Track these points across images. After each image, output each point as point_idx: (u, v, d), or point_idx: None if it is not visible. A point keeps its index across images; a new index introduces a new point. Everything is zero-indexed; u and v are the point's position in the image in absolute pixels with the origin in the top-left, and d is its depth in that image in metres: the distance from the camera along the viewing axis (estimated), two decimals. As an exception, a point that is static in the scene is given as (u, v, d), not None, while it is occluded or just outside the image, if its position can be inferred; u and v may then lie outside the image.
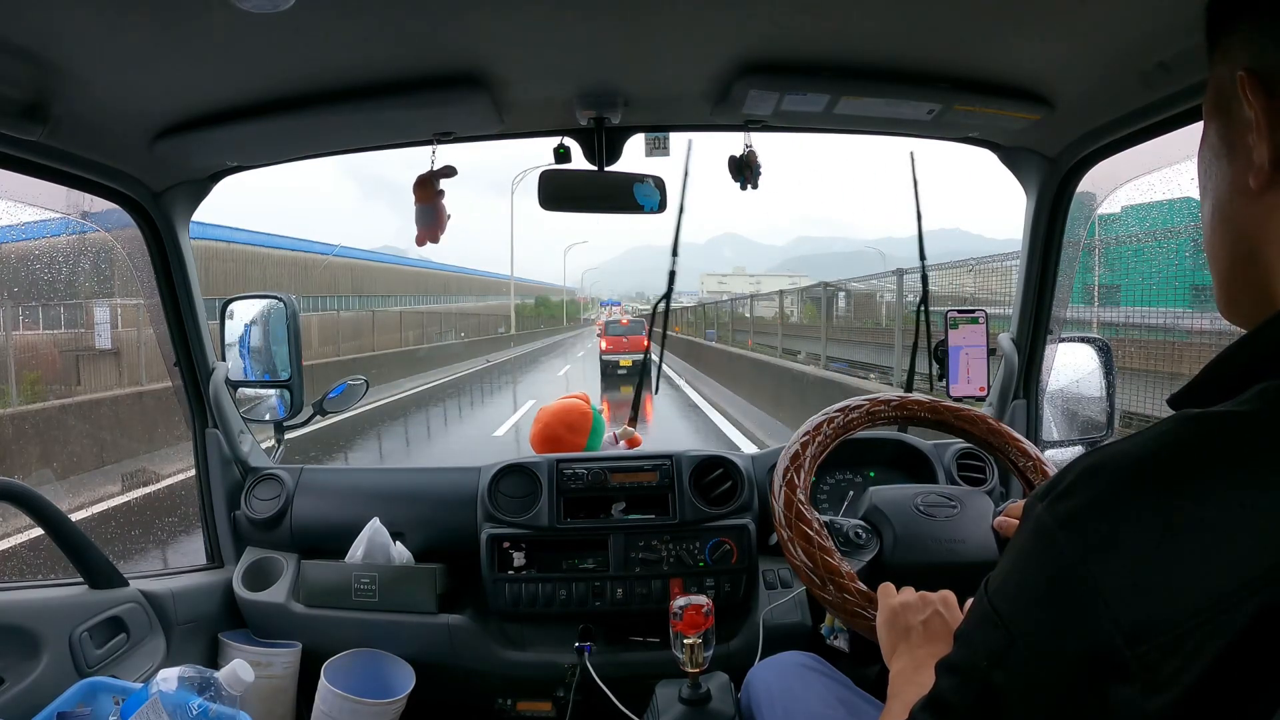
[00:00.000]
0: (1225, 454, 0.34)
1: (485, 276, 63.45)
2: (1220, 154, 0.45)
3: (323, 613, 1.43)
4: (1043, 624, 0.36)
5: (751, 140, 1.27)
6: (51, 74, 0.88)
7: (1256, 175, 0.41)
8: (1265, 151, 0.41)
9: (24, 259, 8.11)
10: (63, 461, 6.49)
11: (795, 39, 0.95)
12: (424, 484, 1.58)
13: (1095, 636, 0.33)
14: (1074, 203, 1.37)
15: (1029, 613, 0.37)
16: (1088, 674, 0.34)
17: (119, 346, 10.36)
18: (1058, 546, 0.36)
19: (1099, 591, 0.34)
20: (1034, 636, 0.36)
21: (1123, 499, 0.35)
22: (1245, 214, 0.43)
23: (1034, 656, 0.36)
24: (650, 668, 1.33)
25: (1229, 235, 0.45)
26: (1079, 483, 0.37)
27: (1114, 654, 0.33)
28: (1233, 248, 0.45)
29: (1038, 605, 0.37)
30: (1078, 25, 0.89)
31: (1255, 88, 0.41)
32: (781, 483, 0.92)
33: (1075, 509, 0.36)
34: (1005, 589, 0.39)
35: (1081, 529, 0.35)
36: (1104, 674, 0.33)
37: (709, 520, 1.43)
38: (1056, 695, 0.35)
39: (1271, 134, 0.40)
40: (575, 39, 0.96)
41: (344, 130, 1.20)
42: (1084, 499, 0.36)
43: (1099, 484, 0.36)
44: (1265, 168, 0.41)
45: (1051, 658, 0.36)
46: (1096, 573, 0.34)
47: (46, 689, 1.05)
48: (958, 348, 1.51)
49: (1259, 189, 0.41)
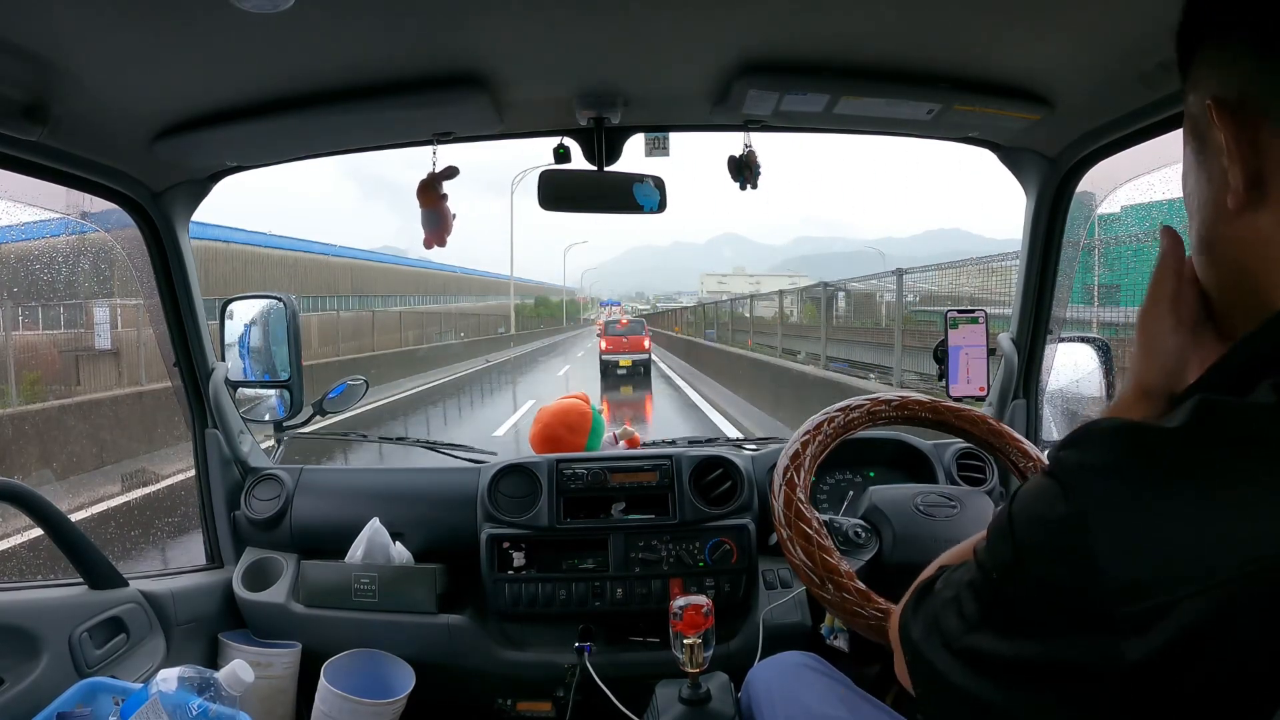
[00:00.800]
0: (1240, 439, 0.36)
1: (485, 276, 63.46)
2: (1199, 178, 0.48)
3: (322, 613, 1.43)
4: (1045, 558, 0.39)
5: (751, 140, 1.27)
6: (51, 74, 0.88)
7: (1233, 197, 0.44)
8: (1239, 175, 0.43)
9: (24, 259, 8.12)
10: (62, 462, 6.49)
11: (795, 39, 0.95)
12: (424, 484, 1.58)
13: (1088, 586, 0.36)
14: (1074, 202, 1.37)
15: (1036, 544, 0.40)
16: (1075, 615, 0.37)
17: (119, 347, 10.36)
18: (1070, 493, 0.38)
19: (1097, 547, 0.36)
20: (1036, 567, 0.40)
21: (1136, 466, 0.37)
22: (1227, 234, 0.46)
23: (1035, 583, 0.40)
24: (650, 668, 1.33)
25: (1216, 253, 0.48)
26: (1100, 441, 0.39)
27: (1102, 607, 0.36)
28: (1221, 265, 0.48)
29: (1045, 541, 0.40)
30: (1078, 25, 0.89)
31: (1223, 115, 0.43)
32: (781, 482, 0.92)
33: (1091, 463, 0.39)
34: (1023, 512, 0.42)
35: (1091, 484, 0.38)
36: (1091, 621, 0.36)
37: (709, 520, 1.43)
38: (1047, 621, 0.39)
39: (1243, 158, 0.43)
40: (575, 39, 0.96)
41: (344, 130, 1.20)
42: (1100, 457, 0.39)
43: (1117, 447, 0.39)
44: (1240, 191, 0.43)
45: (1047, 589, 0.39)
46: (1097, 529, 0.36)
47: (46, 689, 1.05)
48: (957, 348, 1.51)
49: (1237, 210, 0.44)
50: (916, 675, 0.51)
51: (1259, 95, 0.42)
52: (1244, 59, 0.43)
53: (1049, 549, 0.39)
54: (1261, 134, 0.42)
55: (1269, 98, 0.42)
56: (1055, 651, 0.38)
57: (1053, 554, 0.39)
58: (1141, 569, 0.35)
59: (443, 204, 1.25)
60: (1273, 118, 0.42)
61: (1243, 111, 0.43)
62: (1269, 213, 0.43)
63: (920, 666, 0.50)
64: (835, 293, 11.00)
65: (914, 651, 0.51)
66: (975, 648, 0.44)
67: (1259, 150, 0.42)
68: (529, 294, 67.52)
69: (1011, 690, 0.41)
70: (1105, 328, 5.66)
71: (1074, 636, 0.37)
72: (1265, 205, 0.43)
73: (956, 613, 0.46)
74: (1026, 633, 0.40)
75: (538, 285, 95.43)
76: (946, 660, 0.46)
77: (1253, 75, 0.43)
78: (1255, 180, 0.43)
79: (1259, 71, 0.42)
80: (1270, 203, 0.43)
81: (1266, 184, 0.43)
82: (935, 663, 0.47)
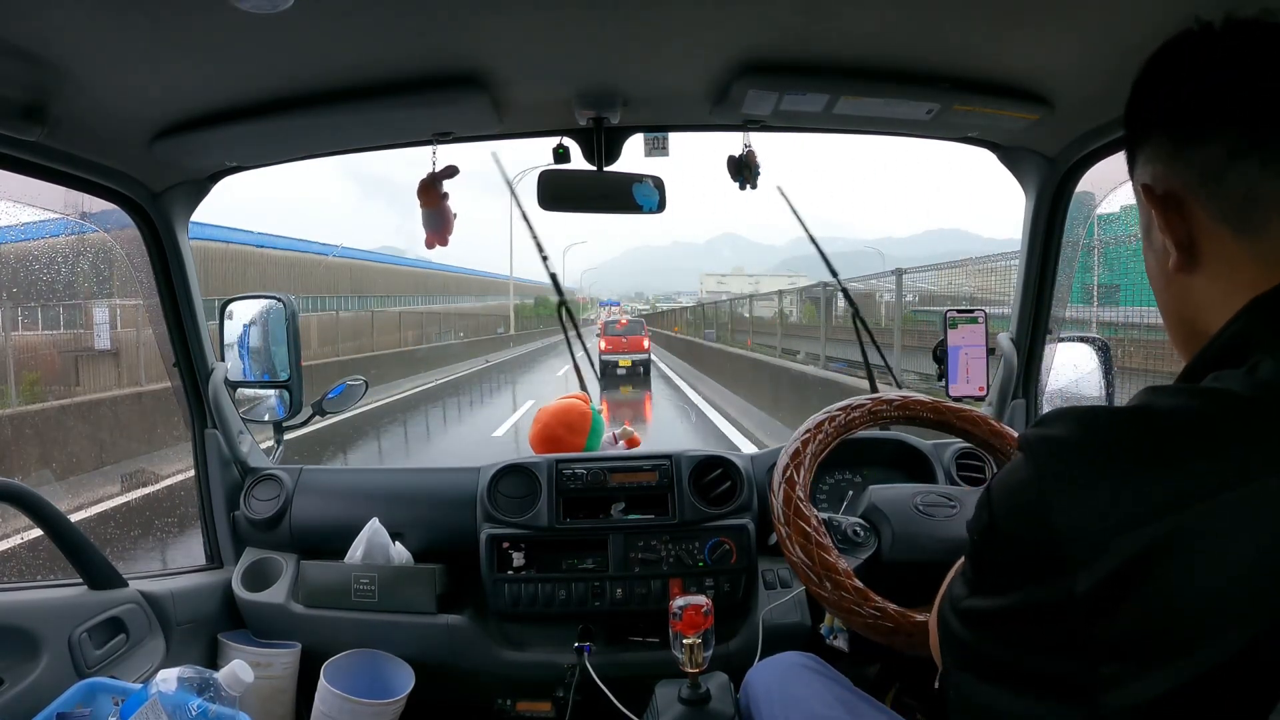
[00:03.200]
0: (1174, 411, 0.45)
1: (484, 277, 63.40)
2: (1148, 246, 0.57)
3: (322, 613, 1.43)
4: (1011, 517, 0.47)
5: (750, 140, 1.27)
6: (50, 74, 0.88)
7: (1174, 262, 0.53)
8: (1172, 245, 0.52)
9: (23, 259, 8.12)
10: (62, 462, 6.49)
11: (794, 39, 0.95)
12: (423, 484, 1.57)
13: (1041, 535, 0.44)
14: (1073, 202, 1.38)
15: (1004, 507, 0.48)
16: (1035, 562, 0.45)
17: (118, 347, 10.36)
18: (1030, 462, 0.46)
19: (1049, 503, 0.44)
20: (1005, 525, 0.48)
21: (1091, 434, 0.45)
22: (1175, 292, 0.55)
23: (1004, 539, 0.48)
24: (650, 668, 1.32)
25: (1168, 306, 0.56)
26: (1058, 419, 0.47)
27: (1055, 551, 0.43)
28: (1174, 317, 0.56)
29: (1010, 503, 0.48)
30: (1077, 25, 0.89)
31: (1151, 197, 0.53)
32: (781, 479, 0.92)
33: (1047, 437, 0.47)
34: (997, 484, 0.50)
35: (1046, 454, 0.46)
36: (1047, 566, 0.43)
37: (708, 520, 1.43)
38: (1014, 572, 0.47)
39: (1173, 232, 0.52)
40: (574, 39, 0.96)
41: (343, 130, 1.20)
42: (1057, 431, 0.46)
43: (1069, 423, 0.46)
44: (1176, 256, 0.52)
45: (1012, 543, 0.47)
46: (1051, 487, 0.44)
47: (46, 690, 1.04)
48: (957, 347, 1.51)
49: (1176, 272, 0.53)
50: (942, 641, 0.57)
51: (1176, 175, 0.51)
52: (1161, 148, 0.53)
53: (1014, 508, 0.47)
54: (1185, 206, 0.51)
55: (1183, 173, 0.51)
56: (1021, 597, 0.46)
57: (1016, 512, 0.47)
58: (1084, 517, 0.42)
59: (444, 203, 1.25)
60: (1190, 188, 0.50)
61: (1171, 192, 0.51)
62: (1203, 276, 0.51)
63: (943, 631, 0.57)
64: (834, 293, 11.00)
65: (941, 619, 0.57)
66: (970, 607, 0.52)
67: (1189, 221, 0.51)
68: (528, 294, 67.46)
69: (999, 640, 0.49)
70: (1105, 327, 5.66)
71: (1036, 581, 0.44)
72: (1200, 269, 0.51)
73: (963, 580, 0.54)
74: (1001, 587, 0.48)
75: (537, 285, 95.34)
76: (956, 622, 0.53)
77: (1169, 160, 0.52)
78: (1188, 247, 0.51)
79: (1172, 156, 0.52)
80: (1203, 266, 0.51)
81: (1198, 248, 0.51)
82: (949, 623, 0.54)
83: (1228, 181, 0.49)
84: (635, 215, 1.30)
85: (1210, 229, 0.50)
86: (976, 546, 0.51)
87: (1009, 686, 0.48)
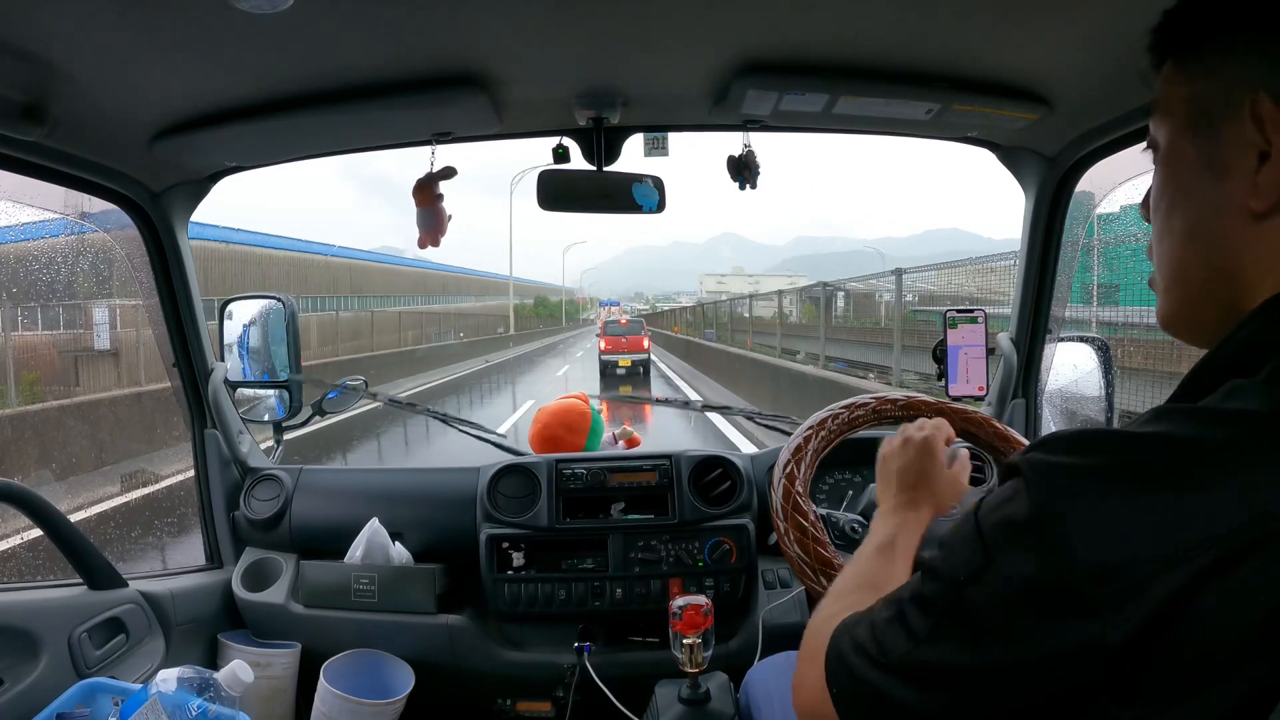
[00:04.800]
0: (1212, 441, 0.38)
1: (484, 277, 63.44)
2: (1204, 173, 0.45)
3: (322, 613, 1.43)
4: (1017, 554, 0.40)
5: (750, 140, 1.27)
6: (50, 75, 0.88)
7: (1263, 199, 0.42)
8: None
9: (23, 260, 8.11)
10: (61, 462, 6.48)
11: (794, 39, 0.95)
12: (423, 484, 1.57)
13: (1061, 573, 0.37)
14: (1073, 202, 1.37)
15: (1008, 542, 0.40)
16: (1052, 605, 0.38)
17: (117, 347, 10.35)
18: (1038, 491, 0.39)
19: (1068, 535, 0.37)
20: (1008, 564, 0.40)
21: (1108, 461, 0.39)
22: (1236, 234, 0.44)
23: (1006, 580, 0.40)
24: (650, 668, 1.32)
25: (1209, 253, 0.46)
26: (1068, 444, 0.41)
27: (1077, 591, 0.37)
28: (1210, 266, 0.46)
29: (1016, 537, 0.40)
30: (1076, 25, 0.89)
31: (1275, 110, 0.40)
32: (781, 475, 0.92)
33: (1061, 464, 0.40)
34: (991, 517, 0.42)
35: (1060, 481, 0.39)
36: (1066, 608, 0.37)
37: (708, 520, 1.43)
38: (1021, 618, 0.39)
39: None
40: (573, 39, 0.95)
41: (342, 130, 1.20)
42: (1072, 459, 0.40)
43: (1089, 448, 0.40)
44: (1276, 193, 0.41)
45: (1021, 585, 0.39)
46: (1069, 518, 0.38)
47: (46, 690, 1.04)
48: (956, 347, 1.51)
49: (1264, 212, 0.42)
50: (845, 700, 0.49)
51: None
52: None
53: (1020, 545, 0.40)
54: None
55: None
56: (1029, 649, 0.39)
57: (1024, 549, 0.39)
58: (1111, 553, 0.36)
59: (438, 204, 1.25)
60: None
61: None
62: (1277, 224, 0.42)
63: (852, 689, 0.48)
64: (834, 292, 11.01)
65: (850, 678, 0.48)
66: (925, 661, 0.43)
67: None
68: (528, 294, 67.46)
69: (969, 699, 0.41)
70: (1104, 327, 5.67)
71: (1050, 628, 0.38)
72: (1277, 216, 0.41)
73: (903, 631, 0.44)
74: (993, 635, 0.40)
75: (537, 285, 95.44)
76: (886, 680, 0.44)
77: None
78: None
79: None
80: None
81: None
82: (873, 682, 0.45)
83: None
84: (635, 215, 1.30)
85: None
86: (954, 592, 0.42)
87: None
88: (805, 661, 0.58)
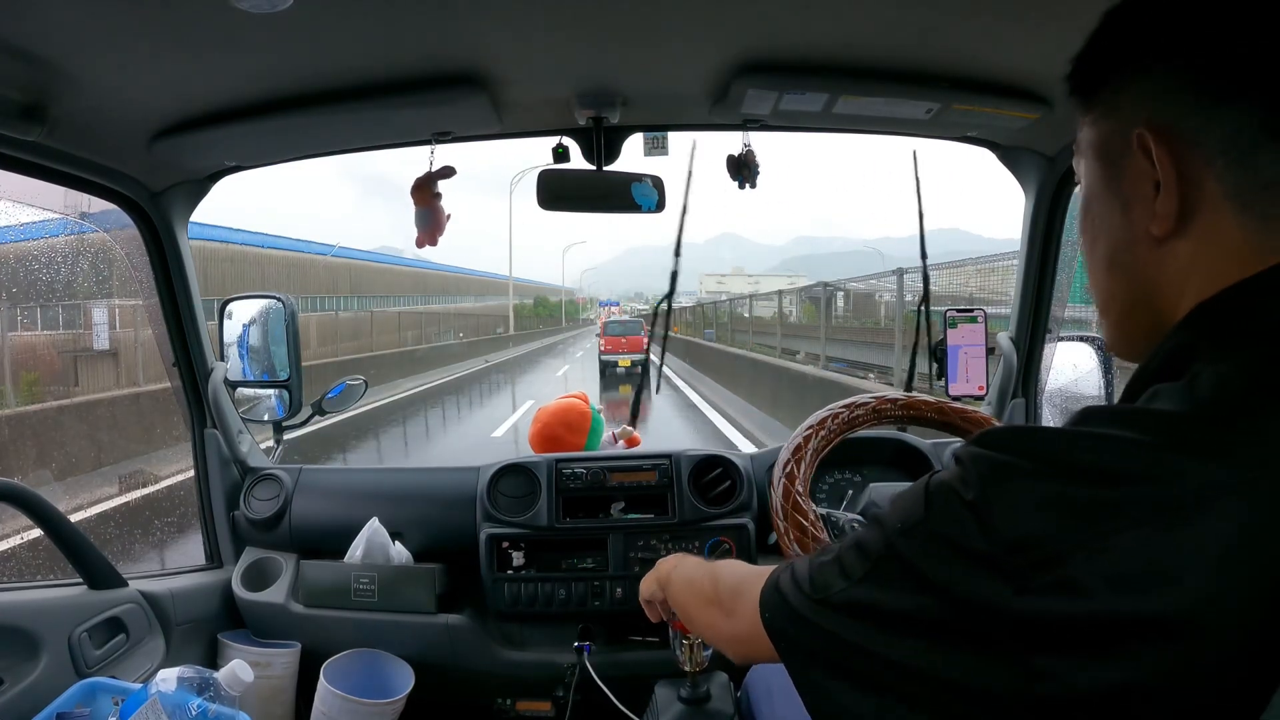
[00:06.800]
0: (1113, 438, 0.41)
1: (484, 277, 63.43)
2: (1111, 204, 0.49)
3: (322, 613, 1.43)
4: (951, 518, 0.43)
5: (750, 140, 1.27)
6: (50, 74, 0.88)
7: (1161, 225, 0.45)
8: (1173, 204, 0.44)
9: (22, 260, 8.10)
10: (61, 462, 6.48)
11: (794, 38, 0.95)
12: (423, 484, 1.58)
13: (984, 540, 0.41)
14: (1073, 201, 1.38)
15: (945, 507, 0.44)
16: (969, 560, 0.41)
17: (116, 347, 10.35)
18: (977, 473, 0.43)
19: (993, 514, 0.41)
20: (941, 525, 0.43)
21: (1029, 453, 0.42)
22: (1144, 260, 0.47)
23: (934, 538, 0.43)
24: (650, 667, 1.32)
25: (1125, 280, 0.49)
26: (1003, 437, 0.44)
27: (993, 556, 0.40)
28: (1130, 293, 0.49)
29: (951, 506, 0.44)
30: (1076, 24, 0.89)
31: (1160, 145, 0.44)
32: (781, 474, 0.92)
33: (990, 459, 0.43)
34: (938, 484, 0.46)
35: (989, 473, 0.43)
36: (981, 565, 0.40)
37: (708, 520, 1.43)
38: (941, 572, 0.42)
39: (1180, 186, 0.43)
40: (573, 39, 0.96)
41: (342, 130, 1.20)
42: (1002, 446, 0.43)
43: (1018, 442, 0.43)
44: (1171, 219, 0.44)
45: (948, 544, 0.43)
46: (994, 502, 0.41)
47: (46, 690, 1.04)
48: (956, 347, 1.51)
49: (1163, 237, 0.45)
50: (783, 637, 0.53)
51: (1192, 127, 0.43)
52: (1180, 89, 0.43)
53: (953, 513, 0.43)
54: (1191, 165, 0.43)
55: (1204, 129, 0.43)
56: (947, 595, 0.42)
57: (956, 517, 0.43)
58: (1026, 531, 0.40)
59: (436, 203, 1.25)
60: (1205, 149, 0.43)
61: (1178, 142, 0.43)
62: (1188, 242, 0.45)
63: (789, 625, 0.52)
64: (834, 292, 11.01)
65: (783, 608, 0.53)
66: (853, 599, 0.47)
67: (1188, 180, 0.43)
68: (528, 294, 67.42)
69: (890, 635, 0.45)
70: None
71: (963, 576, 0.41)
72: (1186, 235, 0.44)
73: (838, 571, 0.49)
74: (915, 581, 0.44)
75: (537, 285, 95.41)
76: (823, 613, 0.49)
77: (1188, 106, 0.43)
78: (1184, 210, 0.44)
79: (1196, 103, 0.43)
80: (1192, 232, 0.44)
81: (1194, 214, 0.44)
82: (809, 617, 0.50)
83: (1258, 159, 0.42)
84: (634, 215, 1.30)
85: (1215, 202, 0.43)
86: (889, 540, 0.46)
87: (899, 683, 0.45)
88: (732, 600, 0.67)
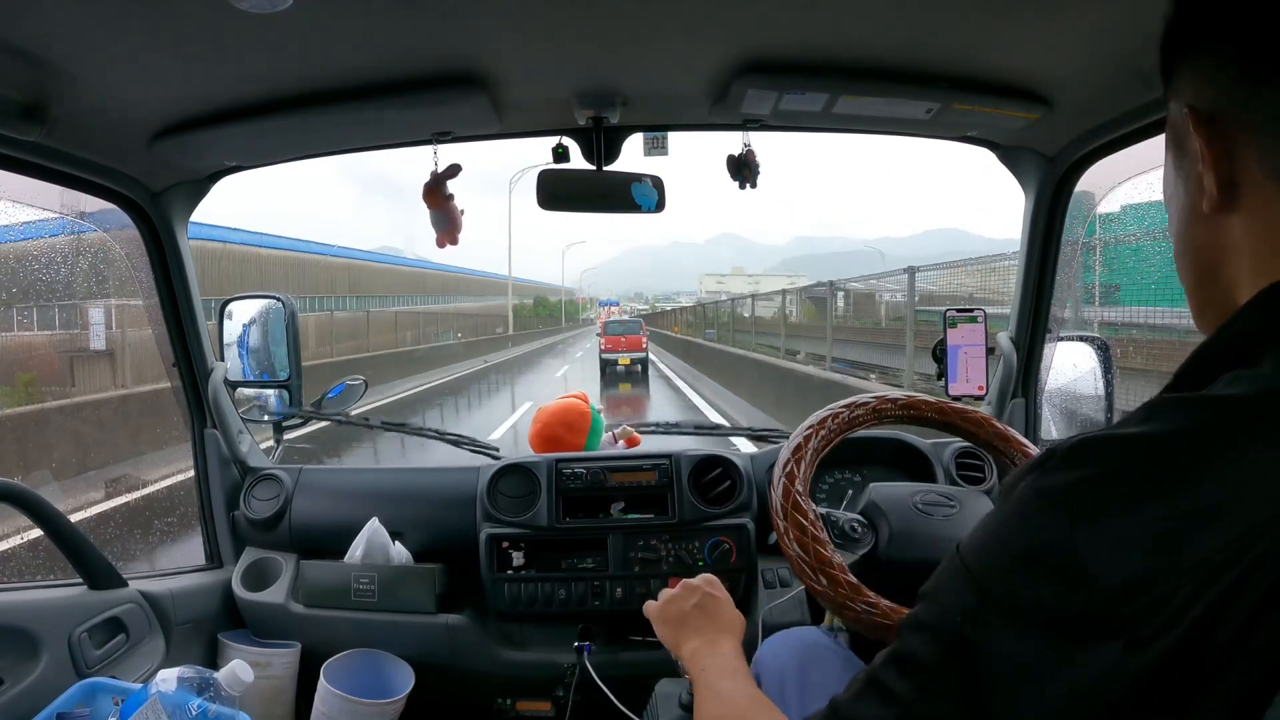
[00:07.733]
0: (1203, 431, 0.38)
1: (483, 276, 63.39)
2: (1177, 182, 0.50)
3: (322, 613, 1.43)
4: (1019, 585, 0.37)
5: (750, 140, 1.27)
6: (50, 74, 0.88)
7: (1207, 202, 0.46)
8: (1213, 181, 0.45)
9: (21, 259, 8.10)
10: (60, 462, 6.48)
11: (794, 38, 0.95)
12: (423, 484, 1.57)
13: (1076, 600, 0.35)
14: (1072, 201, 1.38)
15: (1006, 575, 0.38)
16: (1067, 632, 0.36)
17: (114, 348, 10.33)
18: (1042, 518, 0.38)
19: (1082, 560, 0.36)
20: (1010, 596, 0.38)
21: (1106, 473, 0.38)
22: (1202, 235, 0.48)
23: (1010, 612, 0.37)
24: (650, 667, 1.32)
25: (1192, 255, 0.50)
26: (1065, 460, 0.39)
27: (1096, 614, 0.35)
28: (1196, 266, 0.50)
29: (1016, 568, 0.38)
30: (1076, 24, 0.89)
31: (1198, 124, 0.45)
32: (781, 473, 0.92)
33: (1060, 484, 0.38)
34: (982, 552, 0.40)
35: (1066, 502, 0.37)
36: (1085, 633, 0.35)
37: (708, 520, 1.43)
38: (1034, 649, 0.36)
39: (1216, 166, 0.45)
40: (573, 39, 0.96)
41: (342, 130, 1.20)
42: (1070, 475, 0.38)
43: (1085, 460, 0.39)
44: (1214, 196, 0.45)
45: (1028, 614, 0.37)
46: (1081, 543, 0.36)
47: (46, 690, 1.04)
48: (956, 347, 1.51)
49: (1210, 213, 0.46)
50: None
51: (1235, 107, 0.44)
52: (1224, 72, 0.44)
53: (1029, 575, 0.37)
54: (1236, 143, 0.44)
55: (1245, 110, 0.43)
56: (1045, 683, 0.36)
57: (1033, 579, 0.37)
58: (1127, 570, 0.35)
59: (449, 204, 1.26)
60: (1248, 129, 0.43)
61: (1218, 122, 0.44)
62: (1239, 217, 0.45)
63: None
64: (836, 293, 11.00)
65: None
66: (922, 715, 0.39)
67: (1232, 158, 0.44)
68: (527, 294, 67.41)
69: None
70: (1105, 327, 5.67)
71: (1070, 654, 0.35)
72: (1236, 210, 0.45)
73: (876, 700, 0.41)
74: (1001, 677, 0.37)
75: (536, 285, 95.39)
76: None
77: (1231, 88, 0.44)
78: (1228, 186, 0.45)
79: (1237, 85, 0.44)
80: (1241, 208, 0.45)
81: (1239, 190, 0.44)
82: None
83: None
84: (634, 215, 1.30)
85: (1257, 180, 0.44)
86: (948, 636, 0.39)
87: None
88: None
